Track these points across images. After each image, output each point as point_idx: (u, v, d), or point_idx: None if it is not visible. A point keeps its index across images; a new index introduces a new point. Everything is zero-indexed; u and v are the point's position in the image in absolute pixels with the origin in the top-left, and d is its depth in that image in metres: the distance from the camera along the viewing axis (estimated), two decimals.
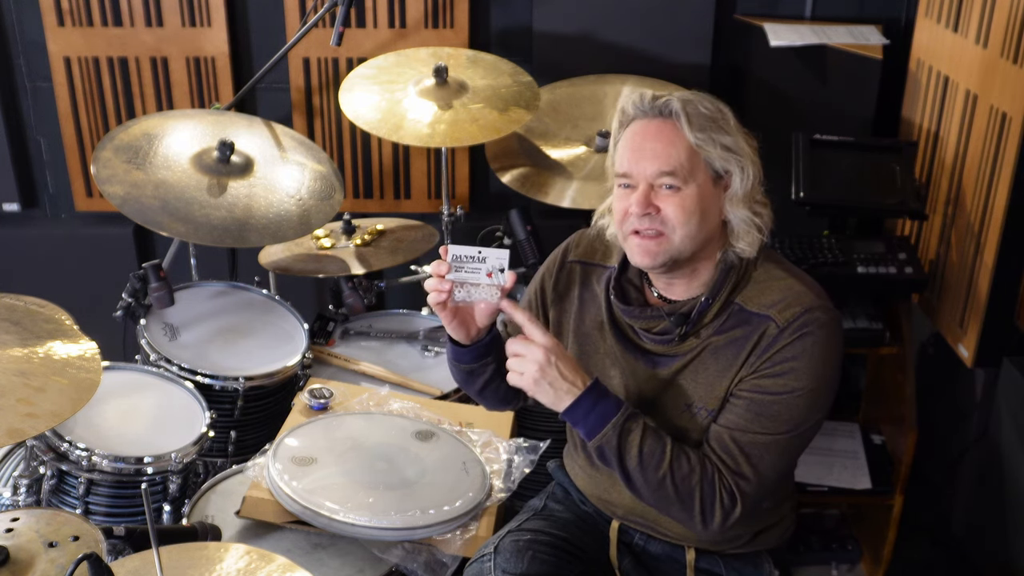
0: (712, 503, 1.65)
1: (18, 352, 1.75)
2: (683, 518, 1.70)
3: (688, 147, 1.63)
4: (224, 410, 2.47)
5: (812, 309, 1.65)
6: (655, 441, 1.66)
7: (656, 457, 1.65)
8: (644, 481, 1.66)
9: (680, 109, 1.63)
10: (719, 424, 1.69)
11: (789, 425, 1.65)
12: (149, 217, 2.49)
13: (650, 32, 3.14)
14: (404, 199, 3.36)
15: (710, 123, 1.64)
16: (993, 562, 2.63)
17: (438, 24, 3.15)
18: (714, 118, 1.65)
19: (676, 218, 1.64)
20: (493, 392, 1.90)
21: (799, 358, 1.63)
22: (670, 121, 1.64)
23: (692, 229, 1.64)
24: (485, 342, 1.81)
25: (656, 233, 1.65)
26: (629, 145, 1.67)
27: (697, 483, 1.65)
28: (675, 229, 1.64)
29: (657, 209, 1.64)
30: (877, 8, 3.12)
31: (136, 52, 3.15)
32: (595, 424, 1.65)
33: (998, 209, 2.42)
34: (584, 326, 1.83)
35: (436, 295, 1.71)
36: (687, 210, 1.64)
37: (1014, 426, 2.50)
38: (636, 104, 1.67)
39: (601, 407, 1.65)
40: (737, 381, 1.68)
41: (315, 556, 2.01)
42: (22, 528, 1.62)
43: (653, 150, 1.64)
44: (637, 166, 1.65)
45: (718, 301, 1.69)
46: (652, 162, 1.64)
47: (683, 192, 1.63)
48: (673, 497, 1.66)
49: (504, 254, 1.73)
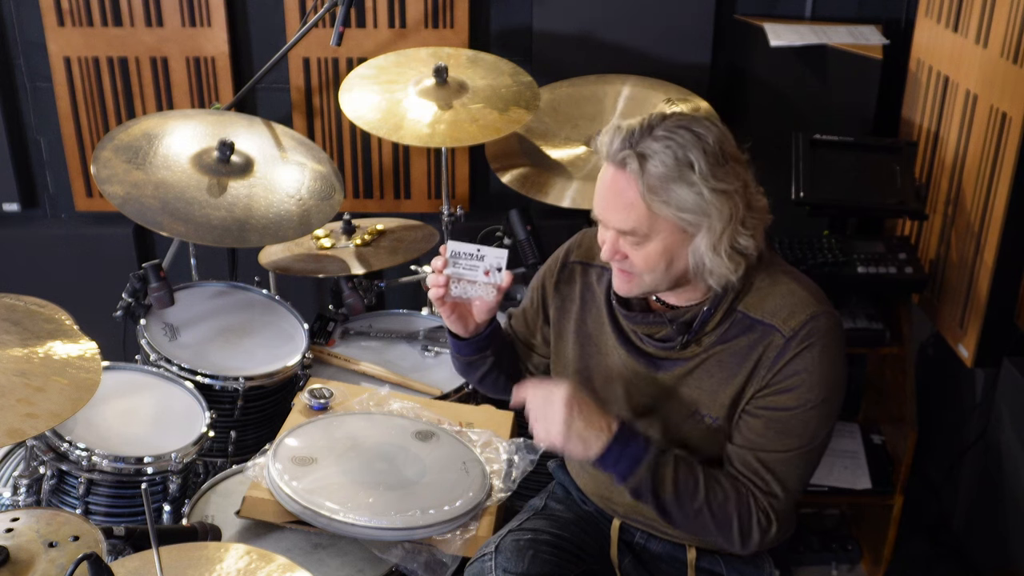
0: (749, 526, 1.66)
1: (18, 352, 1.76)
2: (721, 542, 1.71)
3: (646, 207, 1.57)
4: (224, 410, 2.47)
5: (816, 316, 1.64)
6: (688, 473, 1.66)
7: (690, 488, 1.65)
8: (681, 513, 1.67)
9: (637, 169, 1.56)
10: (740, 445, 1.69)
11: (809, 436, 1.66)
12: (149, 217, 2.49)
13: (650, 32, 3.14)
14: (404, 199, 3.36)
15: (670, 181, 1.55)
16: (993, 562, 2.63)
17: (438, 24, 3.15)
18: (673, 177, 1.55)
19: (642, 266, 1.63)
20: (492, 382, 1.95)
21: (809, 369, 1.63)
22: (629, 176, 1.57)
23: (659, 275, 1.64)
24: (483, 336, 1.84)
25: (628, 272, 1.66)
26: (598, 190, 1.64)
27: (734, 508, 1.66)
28: (643, 274, 1.65)
29: (624, 255, 1.64)
30: (877, 8, 3.12)
31: (136, 52, 3.15)
32: (627, 468, 1.65)
33: (998, 209, 2.42)
34: (585, 327, 1.83)
35: (435, 289, 1.76)
36: (650, 261, 1.62)
37: (1014, 426, 2.50)
38: (605, 145, 1.61)
39: (631, 450, 1.64)
40: (749, 397, 1.67)
41: (315, 556, 2.01)
42: (22, 528, 1.62)
43: (614, 206, 1.61)
44: (603, 215, 1.64)
45: (720, 310, 1.68)
46: (613, 217, 1.62)
47: (645, 247, 1.61)
48: (711, 525, 1.67)
49: (502, 254, 1.74)
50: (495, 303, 1.79)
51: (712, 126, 1.60)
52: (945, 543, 2.86)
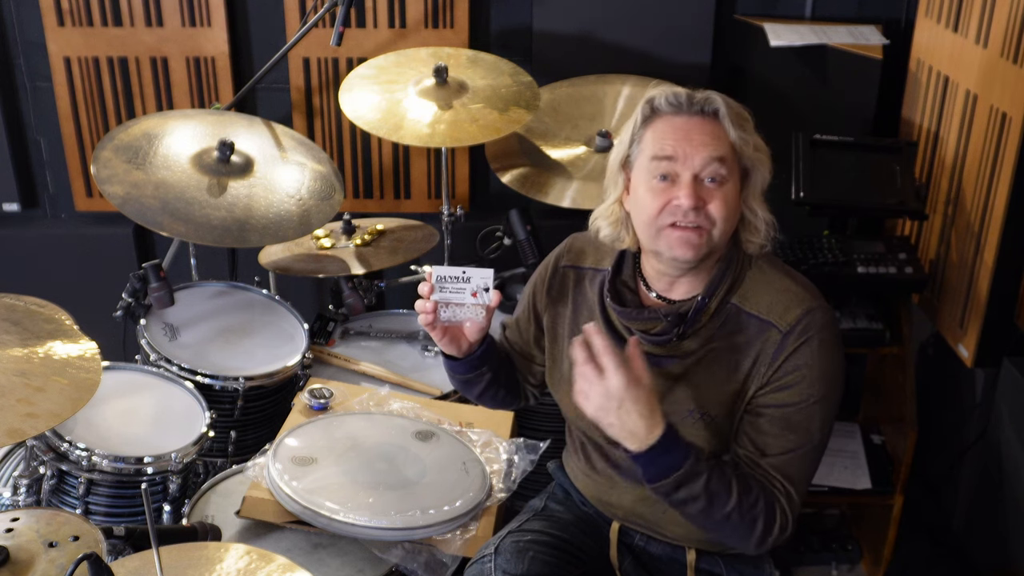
0: (771, 527, 1.65)
1: (18, 352, 1.76)
2: (733, 542, 1.71)
3: (730, 144, 1.64)
4: (224, 410, 2.47)
5: (812, 310, 1.66)
6: (720, 482, 1.60)
7: (722, 499, 1.60)
8: (704, 518, 1.63)
9: (720, 107, 1.65)
10: (748, 450, 1.68)
11: (813, 431, 1.66)
12: (149, 217, 2.49)
13: (650, 32, 3.13)
14: (404, 199, 3.36)
15: (745, 122, 1.67)
16: (993, 562, 2.63)
17: (438, 24, 3.15)
18: (746, 118, 1.68)
19: (719, 213, 1.63)
20: (491, 397, 1.94)
21: (809, 364, 1.64)
22: (711, 119, 1.65)
23: (729, 225, 1.66)
24: (477, 355, 1.83)
25: (696, 227, 1.63)
26: (672, 135, 1.64)
27: (761, 512, 1.63)
28: (716, 224, 1.64)
29: (704, 203, 1.63)
30: (877, 8, 3.12)
31: (136, 52, 3.15)
32: (655, 473, 1.59)
33: (998, 209, 2.42)
34: (579, 330, 1.82)
35: (423, 316, 1.75)
36: (729, 205, 1.64)
37: (1014, 426, 2.50)
38: (671, 100, 1.66)
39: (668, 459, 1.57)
40: (751, 395, 1.67)
41: (315, 556, 2.01)
42: (22, 528, 1.62)
43: (701, 140, 1.63)
44: (684, 153, 1.62)
45: (715, 299, 1.69)
46: (701, 150, 1.62)
47: (726, 187, 1.64)
48: (731, 529, 1.64)
49: (488, 273, 1.73)
50: (486, 323, 1.78)
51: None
52: (945, 543, 2.86)
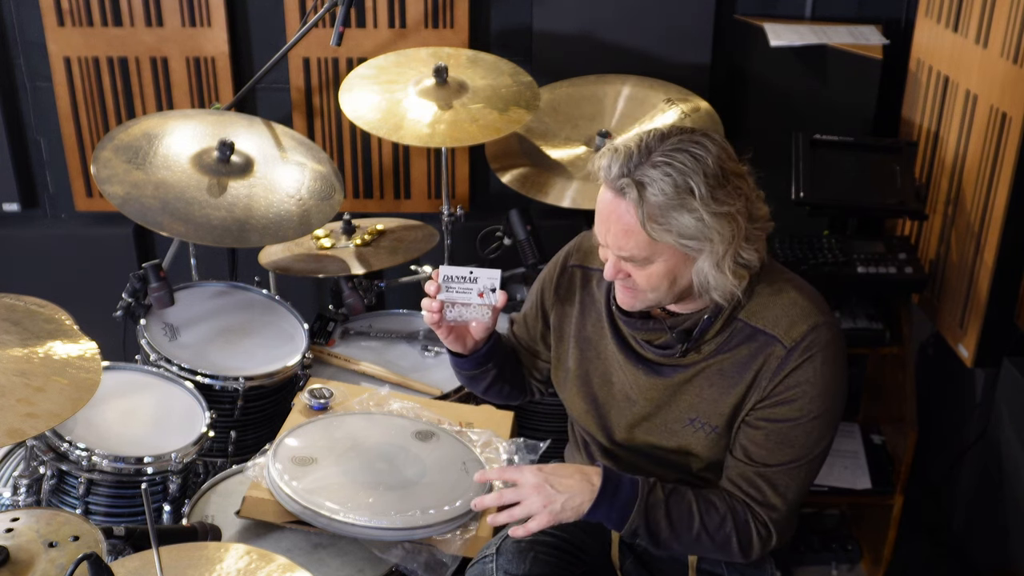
0: (749, 540, 1.67)
1: (18, 352, 1.75)
2: (723, 557, 1.73)
3: (646, 235, 1.54)
4: (224, 410, 2.47)
5: (817, 327, 1.63)
6: (679, 503, 1.66)
7: (685, 519, 1.66)
8: (680, 543, 1.68)
9: (636, 198, 1.52)
10: (739, 459, 1.69)
11: (808, 447, 1.66)
12: (149, 217, 2.49)
13: (650, 32, 3.14)
14: (404, 199, 3.36)
15: (670, 210, 1.52)
16: (993, 562, 2.63)
17: (438, 24, 3.15)
18: (673, 205, 1.52)
19: (644, 285, 1.62)
20: (497, 392, 1.95)
21: (811, 381, 1.63)
22: (629, 204, 1.54)
23: (663, 292, 1.63)
24: (483, 353, 1.84)
25: (631, 288, 1.65)
26: (598, 212, 1.61)
27: (732, 528, 1.66)
28: (646, 292, 1.64)
29: (627, 274, 1.63)
30: (877, 8, 3.12)
31: (136, 52, 3.15)
32: (619, 517, 1.65)
33: (998, 209, 2.42)
34: (585, 331, 1.83)
35: (428, 315, 1.75)
36: (652, 281, 1.61)
37: (1014, 426, 2.50)
38: (604, 169, 1.57)
39: (620, 496, 1.64)
40: (749, 408, 1.67)
41: (315, 556, 2.01)
42: (22, 528, 1.62)
43: (614, 233, 1.58)
44: (603, 239, 1.62)
45: (720, 319, 1.67)
46: (613, 242, 1.59)
47: (647, 268, 1.60)
48: (710, 546, 1.68)
49: (495, 274, 1.72)
50: (492, 323, 1.78)
51: (711, 144, 1.55)
52: (945, 543, 2.86)
